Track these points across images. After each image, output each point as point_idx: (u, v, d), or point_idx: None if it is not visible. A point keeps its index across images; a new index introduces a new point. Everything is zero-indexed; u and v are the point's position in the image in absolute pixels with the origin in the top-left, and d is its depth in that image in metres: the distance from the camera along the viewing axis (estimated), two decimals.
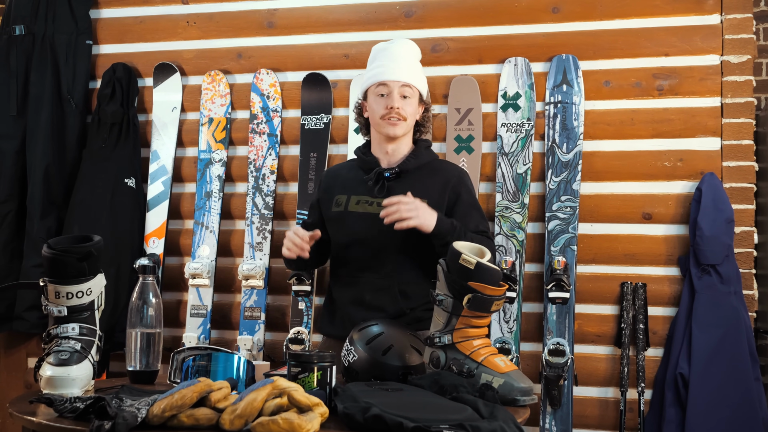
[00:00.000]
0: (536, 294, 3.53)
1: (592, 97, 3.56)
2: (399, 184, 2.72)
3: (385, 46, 2.84)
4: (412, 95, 2.74)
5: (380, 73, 2.74)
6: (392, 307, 2.64)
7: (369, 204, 2.73)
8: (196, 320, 3.74)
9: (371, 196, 2.73)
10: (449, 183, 2.73)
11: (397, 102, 2.70)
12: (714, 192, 3.32)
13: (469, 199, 2.75)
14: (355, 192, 2.77)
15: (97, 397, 1.76)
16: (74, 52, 4.02)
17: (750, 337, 3.27)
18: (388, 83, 2.72)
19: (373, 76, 2.76)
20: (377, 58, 2.81)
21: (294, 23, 3.91)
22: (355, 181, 2.80)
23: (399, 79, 2.72)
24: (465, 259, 2.17)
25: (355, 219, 2.73)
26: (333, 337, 2.74)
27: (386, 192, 2.70)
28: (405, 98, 2.72)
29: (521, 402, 2.12)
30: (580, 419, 3.44)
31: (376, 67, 2.77)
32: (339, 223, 2.77)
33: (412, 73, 2.76)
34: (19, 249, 3.93)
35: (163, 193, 3.90)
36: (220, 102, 3.91)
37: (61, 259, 2.14)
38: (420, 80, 2.79)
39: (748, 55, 3.43)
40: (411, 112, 2.74)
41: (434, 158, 2.84)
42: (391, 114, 2.70)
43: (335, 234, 2.80)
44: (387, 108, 2.70)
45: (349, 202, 2.76)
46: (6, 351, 4.08)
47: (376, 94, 2.74)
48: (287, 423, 1.65)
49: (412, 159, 2.75)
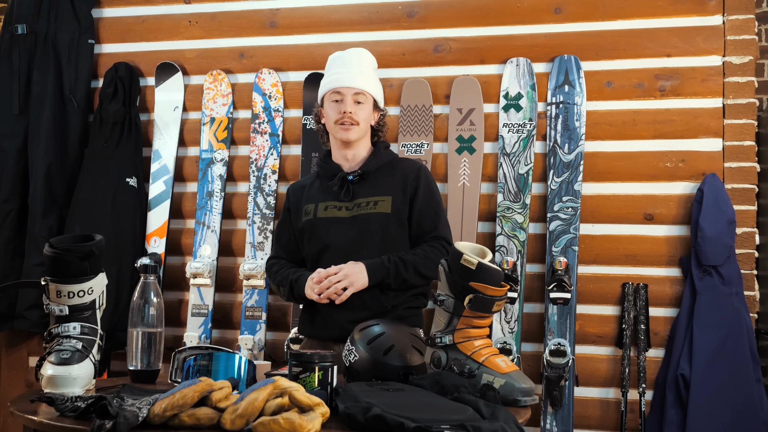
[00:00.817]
0: (537, 294, 3.53)
1: (593, 98, 3.55)
2: (362, 186, 2.80)
3: (339, 54, 2.94)
4: (365, 101, 2.83)
5: (334, 80, 2.84)
6: (374, 304, 2.67)
7: (338, 209, 2.79)
8: (197, 320, 3.75)
9: (338, 201, 2.80)
10: (408, 177, 2.81)
11: (350, 107, 2.80)
12: (716, 193, 3.32)
13: (426, 193, 2.81)
14: (322, 199, 2.83)
15: (99, 396, 1.75)
16: (76, 51, 4.02)
17: (751, 338, 3.27)
18: (341, 90, 2.81)
19: (328, 83, 2.86)
20: (332, 67, 2.91)
21: (296, 23, 3.91)
22: (320, 189, 2.86)
23: (352, 86, 2.81)
24: (466, 259, 2.17)
25: (324, 224, 2.79)
26: (315, 338, 2.78)
27: (351, 194, 2.78)
28: (358, 104, 2.81)
29: (522, 402, 2.12)
30: (581, 420, 3.44)
31: (330, 75, 2.87)
32: (310, 230, 2.82)
33: (365, 80, 2.85)
34: (20, 248, 3.93)
35: (164, 192, 3.90)
36: (221, 101, 3.91)
37: (63, 258, 2.14)
38: (373, 87, 2.87)
39: (750, 56, 3.43)
40: (364, 117, 2.83)
41: (393, 157, 2.91)
42: (344, 118, 2.79)
43: (308, 242, 2.84)
44: (340, 113, 2.80)
45: (317, 210, 2.82)
46: (7, 350, 4.09)
47: (330, 101, 2.84)
48: (288, 423, 1.65)
49: (373, 160, 2.84)
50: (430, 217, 2.79)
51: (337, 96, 2.81)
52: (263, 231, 3.74)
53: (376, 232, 2.73)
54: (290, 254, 2.91)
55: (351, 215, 2.76)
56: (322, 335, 2.72)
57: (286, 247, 2.92)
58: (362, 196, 2.78)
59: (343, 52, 2.94)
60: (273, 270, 2.89)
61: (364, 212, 2.75)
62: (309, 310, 2.81)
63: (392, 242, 2.73)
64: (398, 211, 2.75)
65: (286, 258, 2.91)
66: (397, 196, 2.77)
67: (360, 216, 2.75)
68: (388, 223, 2.74)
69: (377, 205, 2.75)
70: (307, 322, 2.83)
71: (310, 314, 2.80)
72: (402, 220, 2.76)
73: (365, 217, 2.74)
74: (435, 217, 2.80)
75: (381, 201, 2.76)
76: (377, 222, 2.74)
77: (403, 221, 2.76)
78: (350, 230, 2.74)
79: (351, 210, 2.77)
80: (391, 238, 2.73)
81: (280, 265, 2.88)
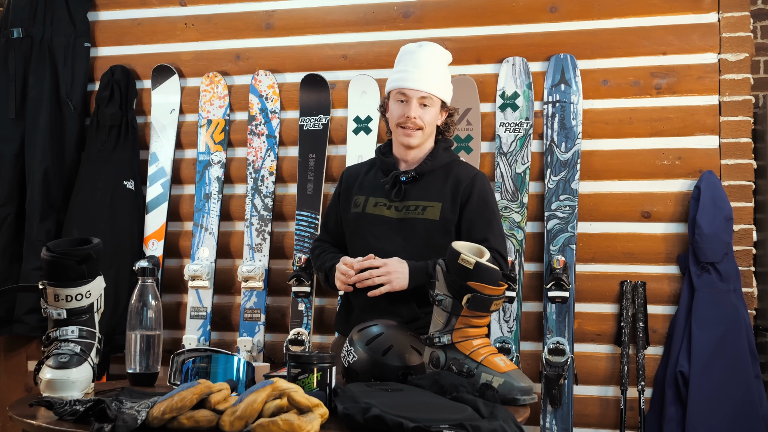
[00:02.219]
0: (536, 293, 3.53)
1: (590, 96, 3.56)
2: (415, 188, 2.72)
3: (411, 49, 2.79)
4: (432, 104, 2.72)
5: (401, 79, 2.73)
6: (407, 311, 2.63)
7: (387, 207, 2.73)
8: (195, 322, 3.74)
9: (388, 200, 2.73)
10: (461, 184, 2.71)
11: (414, 111, 2.69)
12: (713, 190, 3.33)
13: (479, 203, 2.71)
14: (373, 194, 2.77)
15: (97, 399, 1.76)
16: (72, 54, 4.02)
17: (750, 334, 3.27)
18: (407, 92, 2.71)
19: (395, 81, 2.75)
20: (401, 61, 2.79)
21: (292, 24, 3.91)
22: (373, 182, 2.80)
23: (418, 89, 2.70)
24: (464, 258, 2.17)
25: (370, 221, 2.73)
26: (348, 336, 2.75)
27: (403, 195, 2.71)
28: (424, 107, 2.71)
29: (521, 401, 2.12)
30: (580, 418, 3.44)
31: (399, 71, 2.76)
32: (356, 224, 2.77)
33: (434, 82, 2.72)
34: (18, 252, 3.93)
35: (162, 195, 3.90)
36: (218, 104, 3.91)
37: (61, 261, 2.14)
38: (441, 89, 2.74)
39: (746, 53, 3.43)
40: (429, 120, 2.72)
41: (453, 159, 2.82)
42: (407, 123, 2.70)
43: (351, 235, 2.80)
44: (404, 116, 2.70)
45: (366, 204, 2.76)
46: (6, 354, 4.08)
47: (396, 99, 2.74)
48: (287, 424, 1.65)
49: (429, 161, 2.74)
50: (480, 227, 2.67)
51: (403, 97, 2.71)
52: (261, 233, 3.74)
53: (421, 238, 2.66)
54: (335, 239, 2.87)
55: (399, 217, 2.70)
56: None
57: (333, 232, 2.88)
58: (413, 198, 2.69)
59: (415, 47, 2.78)
60: (315, 254, 2.87)
61: (412, 216, 2.68)
62: (346, 306, 2.79)
63: (436, 249, 2.58)
64: (446, 220, 2.67)
65: (331, 242, 2.88)
66: (446, 203, 2.68)
67: (407, 220, 2.68)
68: (433, 231, 2.66)
69: (425, 210, 2.68)
70: (342, 318, 2.80)
71: (347, 311, 2.78)
72: (449, 228, 2.67)
73: (412, 222, 2.68)
74: (486, 227, 2.67)
75: (430, 207, 2.68)
76: (423, 228, 2.67)
77: (450, 230, 2.67)
78: (395, 233, 2.68)
79: (400, 211, 2.69)
80: (435, 245, 2.62)
81: (321, 249, 2.86)
